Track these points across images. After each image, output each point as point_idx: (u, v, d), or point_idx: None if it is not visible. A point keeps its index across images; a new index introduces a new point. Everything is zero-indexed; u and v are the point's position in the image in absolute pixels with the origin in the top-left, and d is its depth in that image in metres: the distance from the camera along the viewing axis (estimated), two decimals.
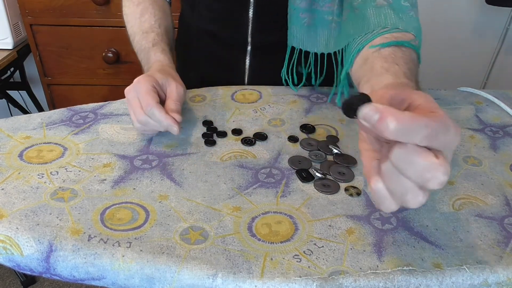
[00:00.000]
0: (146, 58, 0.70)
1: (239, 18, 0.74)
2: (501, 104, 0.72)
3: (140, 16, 0.75)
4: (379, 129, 0.32)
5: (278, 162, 0.56)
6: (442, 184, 0.32)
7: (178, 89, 0.60)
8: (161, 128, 0.56)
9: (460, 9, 1.73)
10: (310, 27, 0.68)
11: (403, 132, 0.31)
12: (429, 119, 0.32)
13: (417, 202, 0.34)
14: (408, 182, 0.33)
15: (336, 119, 0.67)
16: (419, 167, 0.32)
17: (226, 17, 0.76)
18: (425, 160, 0.32)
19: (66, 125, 0.62)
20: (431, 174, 0.32)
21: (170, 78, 0.61)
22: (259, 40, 0.76)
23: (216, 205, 0.48)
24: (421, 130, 0.31)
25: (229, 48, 0.78)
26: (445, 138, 0.32)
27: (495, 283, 0.42)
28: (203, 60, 0.83)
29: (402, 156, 0.33)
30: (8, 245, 0.42)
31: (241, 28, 0.75)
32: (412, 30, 0.54)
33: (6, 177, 0.51)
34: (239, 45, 0.77)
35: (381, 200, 0.36)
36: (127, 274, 0.41)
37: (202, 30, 0.81)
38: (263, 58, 0.78)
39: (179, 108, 0.59)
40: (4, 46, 1.47)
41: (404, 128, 0.31)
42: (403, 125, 0.31)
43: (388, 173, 0.35)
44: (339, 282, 0.40)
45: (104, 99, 0.70)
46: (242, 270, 0.41)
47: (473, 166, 0.57)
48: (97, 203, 0.48)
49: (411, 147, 0.32)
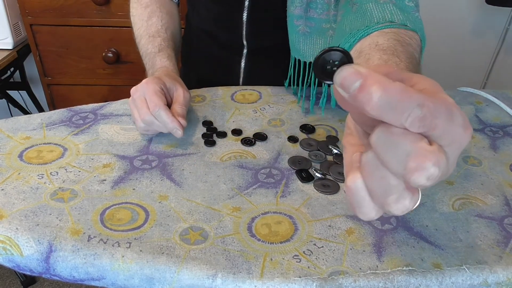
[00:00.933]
0: (151, 63, 0.70)
1: (234, 21, 0.74)
2: (501, 104, 0.72)
3: (147, 19, 0.75)
4: (359, 100, 0.24)
5: (278, 162, 0.56)
6: (430, 179, 0.24)
7: (185, 95, 0.61)
8: (165, 130, 0.57)
9: (460, 9, 1.73)
10: (305, 35, 0.66)
11: (390, 107, 0.23)
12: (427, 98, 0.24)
13: (401, 207, 0.27)
14: (391, 177, 0.26)
15: (336, 119, 0.67)
16: (403, 153, 0.24)
17: (222, 19, 0.76)
18: (412, 144, 0.24)
19: (66, 125, 0.62)
20: (416, 163, 0.23)
21: (177, 83, 0.62)
22: (254, 43, 0.76)
23: (216, 206, 0.49)
24: (414, 109, 0.23)
25: (226, 50, 0.78)
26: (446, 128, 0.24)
27: (494, 283, 0.42)
28: (202, 60, 0.84)
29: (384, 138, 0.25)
30: (8, 245, 0.42)
31: (236, 30, 0.75)
32: (419, 32, 0.50)
33: (6, 177, 0.51)
34: (235, 47, 0.77)
35: (357, 203, 0.28)
36: (126, 274, 0.41)
37: (201, 30, 0.81)
38: (258, 61, 0.78)
39: (185, 113, 0.60)
40: (4, 46, 1.47)
41: (392, 101, 0.23)
42: (391, 97, 0.23)
43: (368, 165, 0.27)
44: (338, 282, 0.40)
45: (104, 99, 0.70)
46: (241, 270, 0.41)
47: (473, 166, 0.57)
48: (97, 203, 0.48)
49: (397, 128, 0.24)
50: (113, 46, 1.50)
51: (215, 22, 0.77)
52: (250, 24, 0.73)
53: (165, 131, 0.57)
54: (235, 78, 0.80)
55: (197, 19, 0.81)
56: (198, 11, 0.80)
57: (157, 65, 0.69)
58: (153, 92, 0.57)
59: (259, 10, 0.72)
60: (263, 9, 0.72)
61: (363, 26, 0.49)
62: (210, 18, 0.78)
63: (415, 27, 0.50)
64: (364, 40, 0.48)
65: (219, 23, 0.77)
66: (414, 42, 0.48)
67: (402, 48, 0.45)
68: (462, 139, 0.25)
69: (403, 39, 0.47)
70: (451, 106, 0.25)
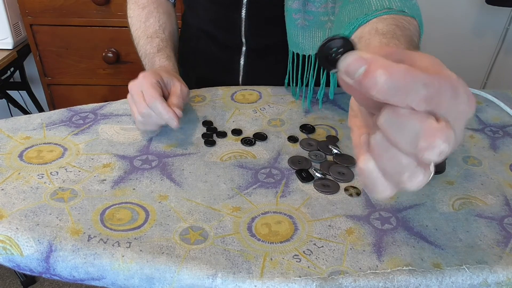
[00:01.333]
0: (150, 64, 0.70)
1: (232, 19, 0.74)
2: (501, 104, 0.72)
3: (145, 20, 0.75)
4: (365, 85, 0.25)
5: (278, 162, 0.56)
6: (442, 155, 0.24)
7: (183, 89, 0.61)
8: (162, 121, 0.57)
9: (460, 9, 1.73)
10: (304, 29, 0.67)
11: (396, 90, 0.24)
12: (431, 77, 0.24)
13: (416, 183, 0.27)
14: (402, 156, 0.26)
15: (336, 119, 0.67)
16: (412, 133, 0.24)
17: (220, 18, 0.76)
18: (421, 123, 0.24)
19: (66, 125, 0.62)
20: (427, 142, 0.24)
21: (175, 78, 0.62)
22: (253, 41, 0.76)
23: (216, 205, 0.49)
24: (419, 90, 0.24)
25: (224, 49, 0.78)
26: (452, 104, 0.25)
27: (494, 283, 0.42)
28: (201, 60, 0.84)
29: (392, 120, 0.25)
30: (8, 245, 0.42)
31: (234, 29, 0.75)
32: (417, 17, 0.51)
33: (6, 177, 0.51)
34: (234, 46, 0.77)
35: (372, 184, 0.29)
36: (126, 274, 0.41)
37: (200, 30, 0.81)
38: (257, 59, 0.78)
39: (181, 104, 0.60)
40: (4, 46, 1.47)
41: (397, 84, 0.24)
42: (396, 80, 0.24)
43: (378, 147, 0.27)
44: (338, 282, 0.40)
45: (104, 99, 0.70)
46: (241, 270, 0.41)
47: (473, 166, 0.57)
48: (97, 203, 0.48)
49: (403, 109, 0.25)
50: (113, 46, 1.50)
51: (213, 22, 0.78)
52: (249, 22, 0.73)
53: (162, 122, 0.57)
54: (235, 77, 0.80)
55: (194, 20, 0.81)
56: (196, 12, 0.80)
57: (156, 65, 0.69)
58: (149, 84, 0.57)
59: (257, 7, 0.72)
60: (261, 6, 0.72)
61: (362, 15, 0.50)
62: (207, 18, 0.78)
63: (413, 13, 0.50)
64: (363, 27, 0.49)
65: (217, 22, 0.77)
66: (412, 27, 0.49)
67: (401, 32, 0.46)
68: (468, 112, 0.26)
69: (401, 24, 0.47)
70: (455, 82, 0.25)
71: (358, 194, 0.51)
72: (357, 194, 0.51)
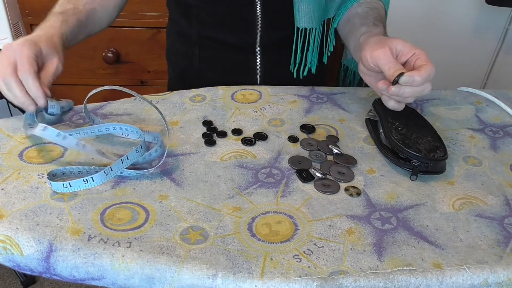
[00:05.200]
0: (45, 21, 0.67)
1: (247, 18, 0.74)
2: (501, 104, 0.72)
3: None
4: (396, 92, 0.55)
5: (278, 162, 0.56)
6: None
7: (59, 67, 0.62)
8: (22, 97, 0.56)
9: (460, 9, 1.72)
10: None
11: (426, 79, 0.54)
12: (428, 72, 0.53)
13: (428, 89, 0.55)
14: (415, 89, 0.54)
15: (336, 119, 0.67)
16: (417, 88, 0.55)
17: (233, 20, 0.75)
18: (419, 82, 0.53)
19: (66, 125, 0.62)
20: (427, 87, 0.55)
21: (55, 52, 0.61)
22: (268, 38, 0.76)
23: (216, 205, 0.49)
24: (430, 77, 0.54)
25: (237, 51, 0.78)
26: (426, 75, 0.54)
27: (495, 283, 0.42)
28: (208, 67, 0.82)
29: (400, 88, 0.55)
30: (8, 245, 0.42)
31: (249, 28, 0.75)
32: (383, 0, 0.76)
33: (6, 177, 0.51)
34: (247, 46, 0.77)
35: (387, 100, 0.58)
36: (127, 274, 0.41)
37: (204, 37, 0.79)
38: (273, 56, 0.78)
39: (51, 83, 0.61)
40: None
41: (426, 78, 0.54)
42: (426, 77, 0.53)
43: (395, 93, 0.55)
44: (339, 282, 0.40)
45: (104, 99, 0.70)
46: (242, 270, 0.41)
47: (473, 166, 0.57)
48: (97, 203, 0.48)
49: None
50: (113, 46, 1.50)
51: (223, 25, 0.76)
52: (265, 17, 0.74)
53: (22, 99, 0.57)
54: (252, 77, 0.79)
55: (196, 27, 0.78)
56: (198, 19, 0.77)
57: (47, 22, 0.66)
58: (26, 57, 0.56)
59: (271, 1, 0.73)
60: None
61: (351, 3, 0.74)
62: (215, 22, 0.77)
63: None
64: (349, 10, 0.74)
65: (229, 24, 0.76)
66: (380, 6, 0.74)
67: (372, 12, 0.71)
68: None
69: (372, 6, 0.73)
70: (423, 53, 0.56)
71: (359, 194, 0.51)
72: (358, 194, 0.51)
